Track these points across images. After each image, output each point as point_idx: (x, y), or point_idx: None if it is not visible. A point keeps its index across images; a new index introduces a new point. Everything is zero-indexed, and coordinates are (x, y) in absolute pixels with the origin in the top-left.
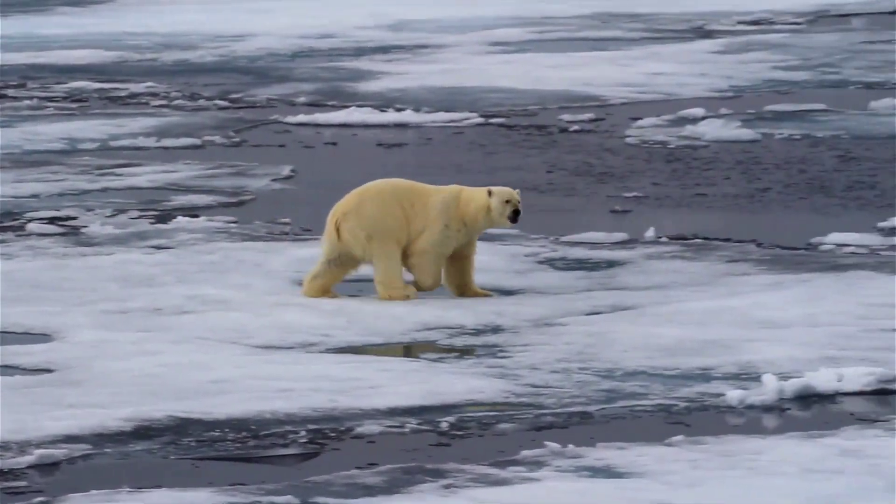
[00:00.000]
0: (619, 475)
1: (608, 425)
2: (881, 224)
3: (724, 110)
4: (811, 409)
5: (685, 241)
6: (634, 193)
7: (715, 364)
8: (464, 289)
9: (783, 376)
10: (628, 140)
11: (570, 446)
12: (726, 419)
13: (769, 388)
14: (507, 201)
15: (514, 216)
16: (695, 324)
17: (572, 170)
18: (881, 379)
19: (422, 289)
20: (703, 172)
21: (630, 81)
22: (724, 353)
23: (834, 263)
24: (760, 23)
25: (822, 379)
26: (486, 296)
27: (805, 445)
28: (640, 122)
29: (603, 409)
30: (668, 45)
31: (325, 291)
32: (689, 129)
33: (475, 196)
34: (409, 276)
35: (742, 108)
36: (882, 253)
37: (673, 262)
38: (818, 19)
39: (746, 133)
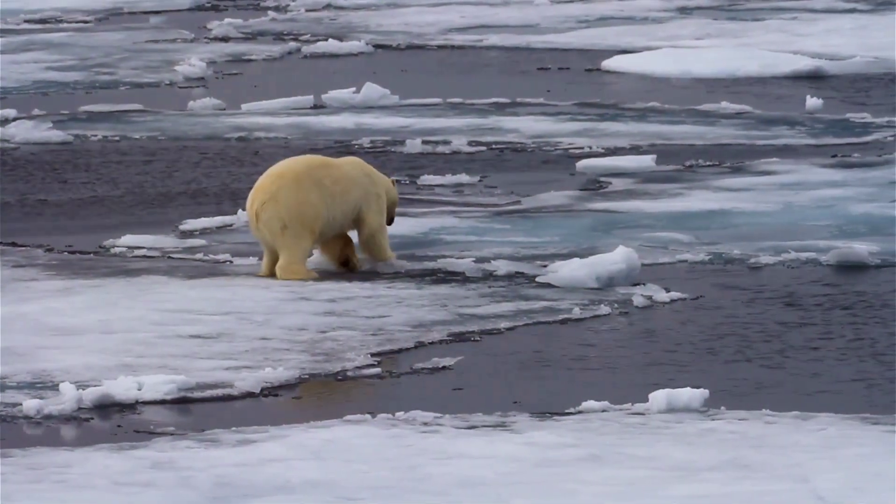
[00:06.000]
0: None
1: None
2: (182, 227)
3: (36, 111)
4: (112, 419)
5: None
6: None
7: (10, 372)
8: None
9: (81, 385)
10: None
11: None
12: (27, 430)
13: (68, 397)
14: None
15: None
16: None
17: None
18: (182, 387)
19: (387, 260)
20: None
21: None
22: (18, 361)
23: (125, 268)
24: (48, 21)
25: (122, 387)
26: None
27: (114, 457)
28: None
29: None
30: None
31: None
32: None
33: (387, 180)
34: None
35: (56, 108)
36: (175, 256)
37: None
38: (109, 17)
39: (58, 135)
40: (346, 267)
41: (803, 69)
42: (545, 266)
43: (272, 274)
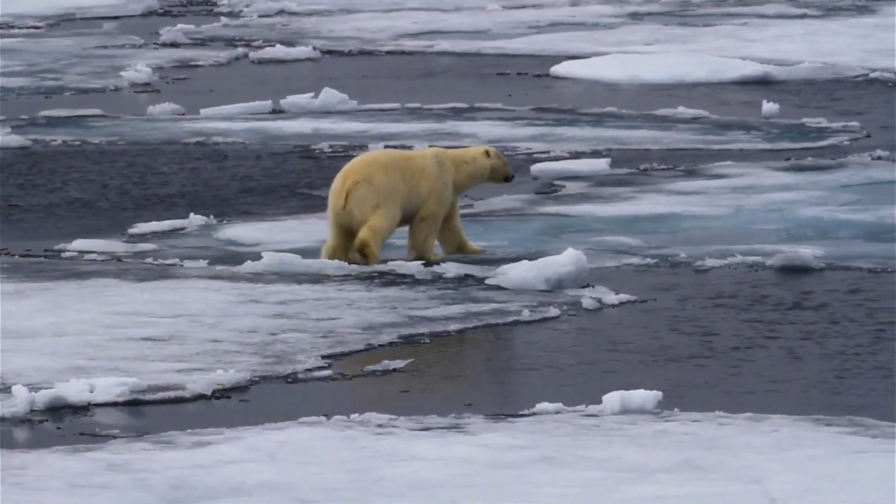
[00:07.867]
0: None
1: None
2: (131, 231)
3: None
4: (65, 421)
5: None
6: None
7: None
8: (461, 247)
9: (33, 387)
10: None
11: None
12: None
13: (20, 400)
14: (505, 163)
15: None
16: None
17: None
18: (134, 389)
19: (426, 255)
20: None
21: None
22: None
23: (76, 271)
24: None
25: (74, 389)
26: (480, 251)
27: (69, 459)
28: None
29: None
30: None
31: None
32: None
33: (471, 156)
34: None
35: (13, 113)
36: (126, 260)
37: None
38: (61, 23)
39: (16, 139)
40: (462, 252)
41: (751, 74)
42: (494, 269)
43: (333, 256)
